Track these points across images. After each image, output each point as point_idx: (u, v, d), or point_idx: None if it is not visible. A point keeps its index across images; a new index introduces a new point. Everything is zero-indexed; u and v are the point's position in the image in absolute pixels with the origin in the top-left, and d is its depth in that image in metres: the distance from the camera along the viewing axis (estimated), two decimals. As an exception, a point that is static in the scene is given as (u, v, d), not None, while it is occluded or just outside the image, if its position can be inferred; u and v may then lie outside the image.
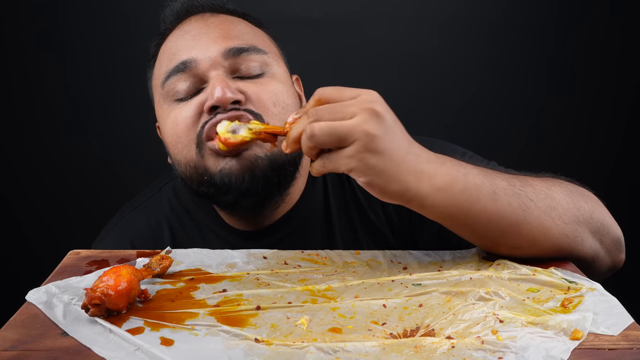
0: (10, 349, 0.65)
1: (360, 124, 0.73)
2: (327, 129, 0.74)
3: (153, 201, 1.14)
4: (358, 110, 0.74)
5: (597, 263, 0.90)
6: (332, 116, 0.74)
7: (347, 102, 0.75)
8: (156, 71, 1.06)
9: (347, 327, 0.70)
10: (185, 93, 0.99)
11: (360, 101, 0.75)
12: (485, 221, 0.82)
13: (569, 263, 0.86)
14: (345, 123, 0.74)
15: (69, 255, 0.91)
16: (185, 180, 1.03)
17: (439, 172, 0.79)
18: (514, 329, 0.68)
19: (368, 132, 0.73)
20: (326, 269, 0.87)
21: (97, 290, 0.71)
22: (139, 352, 0.65)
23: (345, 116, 0.74)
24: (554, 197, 0.86)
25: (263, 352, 0.65)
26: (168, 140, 1.03)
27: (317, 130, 0.74)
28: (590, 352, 0.64)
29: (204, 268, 0.87)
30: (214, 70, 0.98)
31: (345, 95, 0.76)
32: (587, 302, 0.73)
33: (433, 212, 0.81)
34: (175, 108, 1.00)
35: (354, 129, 0.73)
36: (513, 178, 0.86)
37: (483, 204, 0.81)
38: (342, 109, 0.75)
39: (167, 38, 1.06)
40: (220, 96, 0.94)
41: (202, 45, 0.99)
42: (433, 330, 0.69)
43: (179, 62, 0.99)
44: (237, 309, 0.74)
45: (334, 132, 0.74)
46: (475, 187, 0.80)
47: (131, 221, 1.12)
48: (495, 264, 0.85)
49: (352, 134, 0.74)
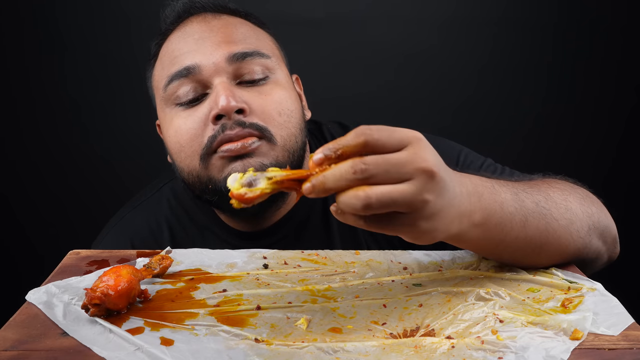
0: (10, 349, 0.65)
1: (420, 192, 0.64)
2: (387, 200, 0.62)
3: (152, 201, 1.14)
4: (415, 172, 0.64)
5: (596, 261, 0.91)
6: (387, 177, 0.63)
7: (401, 159, 0.64)
8: (157, 72, 1.05)
9: (347, 327, 0.70)
10: (187, 98, 0.99)
11: (415, 158, 0.64)
12: (513, 249, 0.80)
13: (571, 264, 0.86)
14: (405, 192, 0.63)
15: (69, 255, 0.91)
16: (187, 185, 1.04)
17: (477, 207, 0.73)
18: (514, 329, 0.68)
19: (426, 200, 0.65)
20: (326, 269, 0.87)
21: (97, 290, 0.71)
22: (139, 352, 0.65)
23: (400, 178, 0.64)
24: (571, 208, 0.84)
25: (263, 352, 0.65)
26: (170, 146, 1.03)
27: (375, 200, 0.62)
28: (590, 352, 0.64)
29: (204, 268, 0.87)
30: (218, 76, 0.97)
31: (394, 140, 0.65)
32: (588, 302, 0.73)
33: (466, 245, 0.78)
34: (178, 115, 1.00)
35: (415, 199, 0.64)
36: (537, 193, 0.82)
37: (515, 234, 0.78)
38: (398, 168, 0.63)
39: (168, 38, 1.05)
40: (225, 105, 0.94)
41: (206, 50, 0.99)
42: (433, 330, 0.69)
43: (182, 68, 0.98)
44: (237, 309, 0.74)
45: (394, 203, 0.63)
46: (510, 217, 0.77)
47: (131, 221, 1.12)
48: (497, 264, 0.85)
49: (412, 204, 0.64)
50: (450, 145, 1.13)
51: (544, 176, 0.92)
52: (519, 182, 0.85)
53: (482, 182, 0.76)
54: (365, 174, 0.62)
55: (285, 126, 0.98)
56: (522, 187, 0.82)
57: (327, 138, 1.17)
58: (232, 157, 0.96)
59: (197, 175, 0.99)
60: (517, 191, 0.80)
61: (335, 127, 1.19)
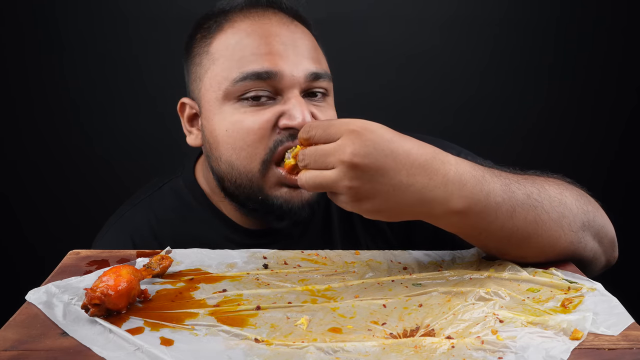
0: (10, 349, 0.65)
1: (340, 180, 0.76)
2: (312, 182, 0.78)
3: (153, 199, 1.14)
4: (336, 162, 0.76)
5: (594, 263, 0.91)
6: (315, 165, 0.78)
7: (329, 150, 0.77)
8: (221, 60, 1.01)
9: (347, 327, 0.70)
10: (254, 96, 0.98)
11: (339, 151, 0.75)
12: (498, 237, 0.81)
13: (570, 263, 0.86)
14: (326, 177, 0.77)
15: (68, 255, 0.91)
16: (226, 181, 1.02)
17: (455, 195, 0.76)
18: (514, 329, 0.68)
19: (348, 186, 0.75)
20: (326, 269, 0.87)
21: (97, 290, 0.71)
22: (139, 352, 0.65)
23: (327, 166, 0.77)
24: (565, 202, 0.85)
25: (263, 352, 0.65)
26: (225, 140, 1.00)
27: (304, 181, 0.79)
28: (590, 352, 0.64)
29: (204, 268, 0.87)
30: (293, 90, 0.98)
31: (331, 133, 0.77)
32: (588, 302, 0.73)
33: (448, 229, 0.81)
34: (242, 111, 0.99)
35: (336, 184, 0.76)
36: (531, 185, 0.83)
37: (500, 223, 0.80)
38: (324, 158, 0.77)
39: (235, 23, 1.02)
40: (301, 121, 0.96)
41: (289, 60, 0.98)
42: (433, 330, 0.69)
43: (264, 71, 0.97)
44: (237, 309, 0.74)
45: (318, 185, 0.78)
46: (495, 206, 0.79)
47: (131, 218, 1.12)
48: (496, 264, 0.85)
49: (336, 188, 0.77)
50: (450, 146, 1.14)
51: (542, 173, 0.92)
52: (515, 174, 0.86)
53: (471, 170, 0.79)
54: (302, 162, 0.80)
55: None
56: (515, 179, 0.83)
57: None
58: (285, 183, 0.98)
59: (251, 179, 0.99)
60: (510, 182, 0.81)
61: None
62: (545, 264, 0.85)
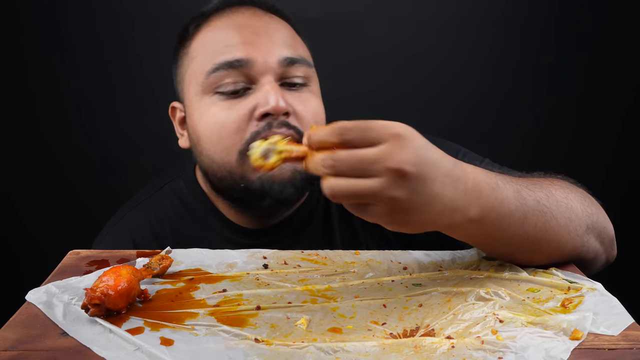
0: (10, 349, 0.65)
1: (384, 189, 0.66)
2: (347, 192, 0.67)
3: (154, 200, 1.14)
4: (382, 170, 0.66)
5: (595, 263, 0.91)
6: (353, 172, 0.67)
7: (372, 156, 0.66)
8: (198, 56, 1.03)
9: (347, 327, 0.70)
10: (229, 89, 0.99)
11: (386, 157, 0.66)
12: (509, 244, 0.80)
13: (570, 264, 0.86)
14: (367, 186, 0.66)
15: (69, 255, 0.91)
16: (211, 176, 1.04)
17: (473, 204, 0.73)
18: (514, 329, 0.68)
19: (393, 196, 0.67)
20: (326, 269, 0.87)
21: (97, 290, 0.71)
22: (139, 352, 0.65)
23: (367, 174, 0.66)
24: (572, 206, 0.84)
25: (263, 352, 0.65)
26: (204, 134, 1.01)
27: (337, 190, 0.67)
28: (590, 352, 0.64)
29: (204, 268, 0.87)
30: (267, 75, 0.98)
31: (370, 137, 0.67)
32: (588, 302, 0.73)
33: (459, 237, 0.79)
34: (218, 104, 0.99)
35: (378, 194, 0.67)
36: (540, 190, 0.83)
37: (512, 231, 0.78)
38: (366, 165, 0.66)
39: (212, 23, 1.03)
40: (275, 105, 0.95)
41: (261, 46, 0.99)
42: (433, 330, 0.69)
43: (234, 59, 0.98)
44: (237, 309, 0.74)
45: (353, 195, 0.67)
46: (509, 214, 0.77)
47: (132, 219, 1.12)
48: (496, 264, 0.85)
49: (376, 199, 0.67)
50: (449, 145, 1.14)
51: (546, 175, 0.92)
52: (523, 178, 0.86)
53: (486, 178, 0.76)
54: (332, 169, 0.67)
55: None
56: (525, 184, 0.82)
57: None
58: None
59: (230, 170, 1.00)
60: (520, 188, 0.80)
61: None
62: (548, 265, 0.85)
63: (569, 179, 0.93)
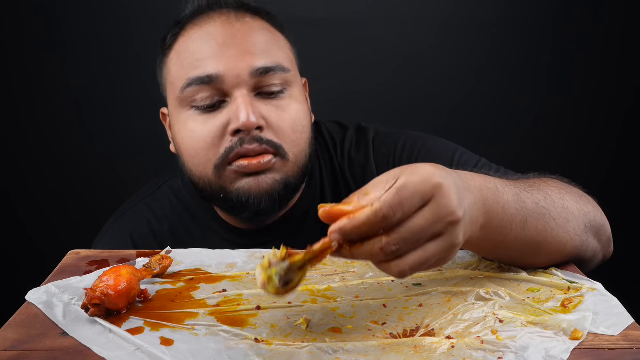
0: (10, 349, 0.65)
1: (451, 244, 0.64)
2: (421, 264, 0.63)
3: (153, 199, 1.15)
4: (443, 228, 0.63)
5: (593, 261, 0.91)
6: (417, 245, 0.62)
7: (428, 223, 0.62)
8: (174, 68, 1.03)
9: (347, 327, 0.70)
10: (205, 103, 0.99)
11: (440, 216, 0.63)
12: (512, 249, 0.80)
13: (570, 263, 0.86)
14: (436, 251, 0.63)
15: (68, 255, 0.91)
16: (195, 185, 1.05)
17: (481, 212, 0.72)
18: (514, 329, 0.68)
19: (456, 245, 0.65)
20: (326, 269, 0.87)
21: (97, 290, 0.71)
22: (139, 352, 0.65)
23: (430, 238, 0.63)
24: (568, 207, 0.84)
25: (263, 352, 0.65)
26: (183, 148, 1.03)
27: (409, 270, 0.63)
28: (590, 352, 0.64)
29: (204, 268, 0.87)
30: (239, 89, 0.98)
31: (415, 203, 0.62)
32: (588, 302, 0.73)
33: (467, 247, 0.78)
34: (194, 118, 1.00)
35: (450, 250, 0.64)
36: (537, 192, 0.82)
37: (514, 235, 0.78)
38: (426, 233, 0.62)
39: (187, 33, 1.03)
40: (246, 121, 0.95)
41: (230, 59, 0.98)
42: (433, 330, 0.69)
43: (205, 75, 0.98)
44: (237, 309, 0.74)
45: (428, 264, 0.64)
46: (510, 218, 0.76)
47: (131, 218, 1.13)
48: (496, 264, 0.85)
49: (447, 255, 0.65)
50: (446, 144, 1.14)
51: (540, 175, 0.92)
52: (519, 180, 0.85)
53: (486, 183, 0.75)
54: (398, 253, 0.62)
55: (298, 143, 1.01)
56: (523, 187, 0.82)
57: (325, 137, 1.17)
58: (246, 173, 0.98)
59: (209, 182, 1.01)
60: (519, 191, 0.80)
61: (333, 126, 1.20)
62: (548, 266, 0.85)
63: (564, 178, 0.93)
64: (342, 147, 1.16)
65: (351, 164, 1.14)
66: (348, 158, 1.14)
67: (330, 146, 1.16)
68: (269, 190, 0.98)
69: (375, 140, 1.15)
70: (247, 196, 0.98)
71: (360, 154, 1.14)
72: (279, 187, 0.99)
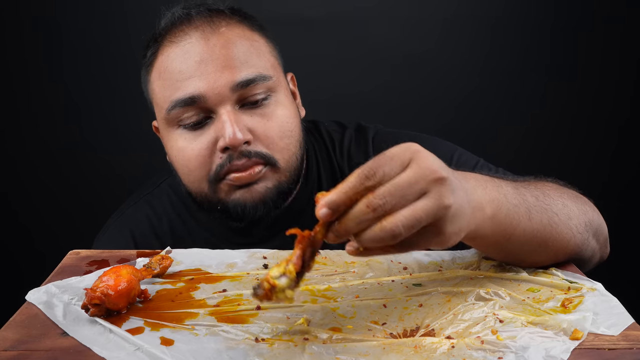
0: (10, 349, 0.65)
1: (440, 201, 0.63)
2: (413, 222, 0.62)
3: (152, 197, 1.17)
4: (428, 185, 0.63)
5: (591, 261, 0.92)
6: (404, 201, 0.62)
7: (411, 178, 0.63)
8: (157, 88, 1.03)
9: (347, 327, 0.70)
10: (191, 121, 1.00)
11: (423, 172, 0.63)
12: (521, 243, 0.79)
13: (570, 263, 0.86)
14: (427, 207, 0.63)
15: (68, 255, 0.91)
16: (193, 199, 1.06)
17: (485, 199, 0.72)
18: (514, 329, 0.68)
19: (447, 205, 0.64)
20: (326, 269, 0.87)
21: (97, 290, 0.71)
22: (139, 352, 0.65)
23: (416, 195, 0.63)
24: (568, 204, 0.85)
25: (263, 352, 0.65)
26: (177, 165, 1.05)
27: (402, 227, 0.62)
28: (590, 352, 0.64)
29: (204, 268, 0.87)
30: (223, 105, 0.98)
31: (395, 165, 0.64)
32: (588, 302, 0.73)
33: (481, 242, 0.77)
34: (183, 136, 1.01)
35: (438, 208, 0.63)
36: (534, 189, 0.83)
37: (523, 227, 0.78)
38: (411, 189, 0.63)
39: (165, 50, 1.02)
40: (232, 138, 0.96)
41: (209, 77, 0.98)
42: (433, 330, 0.69)
43: (187, 97, 0.98)
44: (237, 309, 0.74)
45: (421, 222, 0.63)
46: (515, 209, 0.77)
47: (132, 216, 1.15)
48: (497, 264, 0.85)
49: (437, 214, 0.64)
50: (444, 144, 1.14)
51: (536, 179, 0.93)
52: (516, 180, 0.86)
53: (482, 176, 0.76)
54: (385, 207, 0.62)
55: (287, 148, 1.02)
56: (519, 184, 0.83)
57: (324, 136, 1.18)
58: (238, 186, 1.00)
59: (206, 196, 1.03)
60: (516, 186, 0.81)
61: (332, 125, 1.20)
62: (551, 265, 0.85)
63: (559, 181, 0.93)
64: (341, 146, 1.16)
65: (350, 162, 1.14)
66: (347, 157, 1.15)
67: (329, 145, 1.17)
68: (263, 199, 1.01)
69: (374, 139, 1.15)
70: (242, 206, 1.00)
71: (360, 152, 1.15)
72: (271, 194, 1.01)
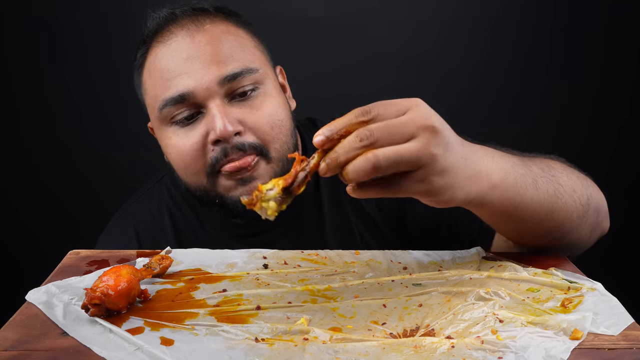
0: (10, 349, 0.65)
1: (426, 147, 0.67)
2: (394, 157, 0.66)
3: (154, 190, 1.19)
4: (417, 130, 0.67)
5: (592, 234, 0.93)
6: (391, 139, 0.66)
7: (402, 120, 0.67)
8: (149, 88, 1.05)
9: (347, 327, 0.70)
10: (183, 116, 1.01)
11: (415, 118, 0.67)
12: (530, 212, 0.82)
13: (569, 263, 0.86)
14: (411, 148, 0.66)
15: (68, 255, 0.91)
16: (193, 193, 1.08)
17: (492, 167, 0.75)
18: (514, 329, 0.68)
19: (433, 153, 0.67)
20: (326, 269, 0.87)
21: (97, 290, 0.71)
22: (139, 352, 0.65)
23: (404, 137, 0.67)
24: (572, 177, 0.87)
25: (263, 352, 0.65)
26: (173, 162, 1.06)
27: (382, 159, 0.66)
28: (590, 352, 0.64)
29: (204, 268, 0.87)
30: (212, 99, 0.99)
31: (393, 109, 0.68)
32: (587, 302, 0.73)
33: (489, 210, 0.80)
34: (176, 133, 1.02)
35: (422, 153, 0.67)
36: (540, 162, 0.86)
37: (530, 195, 0.80)
38: (400, 129, 0.67)
39: (154, 50, 1.04)
40: (223, 130, 0.97)
41: (197, 73, 0.99)
42: (433, 330, 0.69)
43: (177, 95, 0.99)
44: (237, 309, 0.74)
45: (402, 160, 0.66)
46: (522, 178, 0.79)
47: (134, 212, 1.17)
48: (496, 264, 0.85)
49: (420, 159, 0.67)
50: None
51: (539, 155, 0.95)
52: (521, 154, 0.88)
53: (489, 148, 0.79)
54: (371, 138, 0.66)
55: (278, 137, 1.03)
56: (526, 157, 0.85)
57: None
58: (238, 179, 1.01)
59: (205, 189, 1.04)
60: (523, 158, 0.83)
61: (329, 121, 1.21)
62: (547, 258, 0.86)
63: (560, 158, 0.95)
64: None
65: None
66: None
67: None
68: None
69: None
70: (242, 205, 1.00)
71: None
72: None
